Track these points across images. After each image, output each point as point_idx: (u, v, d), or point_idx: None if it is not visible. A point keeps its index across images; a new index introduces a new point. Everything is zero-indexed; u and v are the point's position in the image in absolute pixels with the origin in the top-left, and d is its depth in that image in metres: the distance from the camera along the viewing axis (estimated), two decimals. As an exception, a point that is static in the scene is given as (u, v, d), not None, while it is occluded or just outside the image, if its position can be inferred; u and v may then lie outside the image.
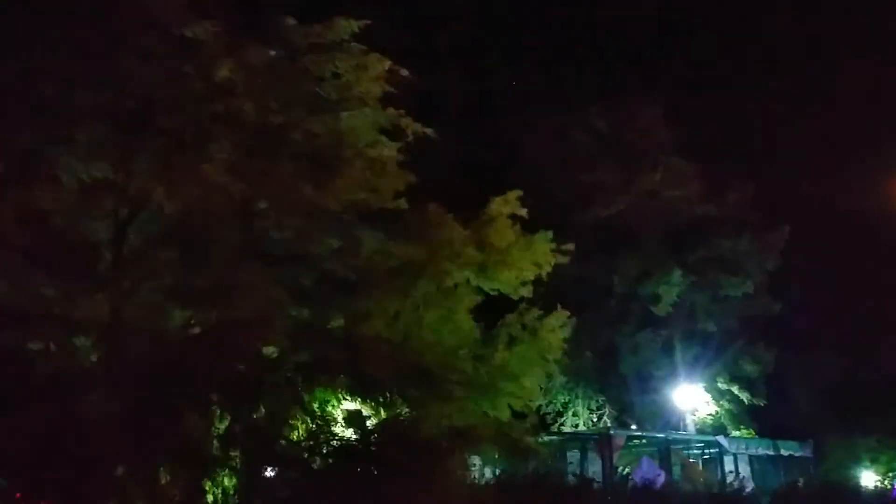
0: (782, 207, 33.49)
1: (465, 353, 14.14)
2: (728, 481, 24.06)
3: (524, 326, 14.49)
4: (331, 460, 11.73)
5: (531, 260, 14.32)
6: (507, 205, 14.27)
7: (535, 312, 14.46)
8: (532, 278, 14.49)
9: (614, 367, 31.99)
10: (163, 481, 10.81)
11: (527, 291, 14.48)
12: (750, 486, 24.75)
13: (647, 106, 32.86)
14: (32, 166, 11.07)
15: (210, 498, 11.39)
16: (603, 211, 32.23)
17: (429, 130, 13.41)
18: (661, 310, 31.63)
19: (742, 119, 36.85)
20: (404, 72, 12.72)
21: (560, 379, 29.58)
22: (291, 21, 12.47)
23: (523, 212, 14.26)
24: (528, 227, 15.06)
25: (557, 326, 14.49)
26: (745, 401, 32.92)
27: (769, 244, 32.74)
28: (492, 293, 14.76)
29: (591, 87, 35.44)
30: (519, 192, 14.33)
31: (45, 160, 11.16)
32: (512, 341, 14.38)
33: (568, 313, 14.64)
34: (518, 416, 14.68)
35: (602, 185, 32.40)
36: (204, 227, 11.78)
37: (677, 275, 31.63)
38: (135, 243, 11.69)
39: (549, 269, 14.47)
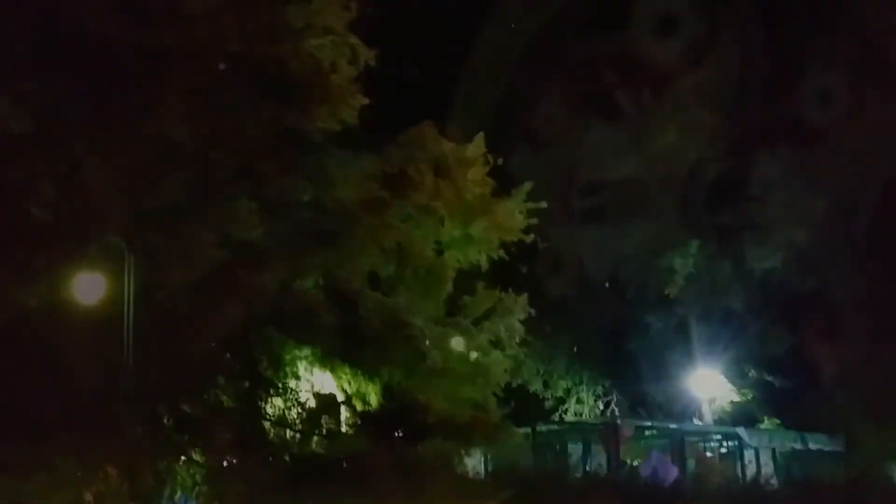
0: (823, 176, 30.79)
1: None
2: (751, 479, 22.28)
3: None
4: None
5: (506, 214, 15.02)
6: (477, 148, 14.86)
7: (496, 293, 15.29)
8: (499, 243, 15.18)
9: (623, 350, 30.20)
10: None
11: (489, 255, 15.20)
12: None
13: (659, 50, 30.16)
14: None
15: (178, 481, 12.30)
16: (611, 174, 29.89)
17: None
18: (675, 285, 29.73)
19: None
20: None
21: (562, 362, 28.67)
22: None
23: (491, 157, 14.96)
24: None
25: (512, 309, 15.26)
26: (769, 388, 31.08)
27: (805, 213, 30.38)
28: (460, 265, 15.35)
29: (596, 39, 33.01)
30: (482, 134, 14.99)
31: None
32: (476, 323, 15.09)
33: (517, 297, 15.34)
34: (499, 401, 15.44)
35: (610, 144, 29.87)
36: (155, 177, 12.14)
37: (694, 245, 29.65)
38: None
39: (517, 233, 15.14)
